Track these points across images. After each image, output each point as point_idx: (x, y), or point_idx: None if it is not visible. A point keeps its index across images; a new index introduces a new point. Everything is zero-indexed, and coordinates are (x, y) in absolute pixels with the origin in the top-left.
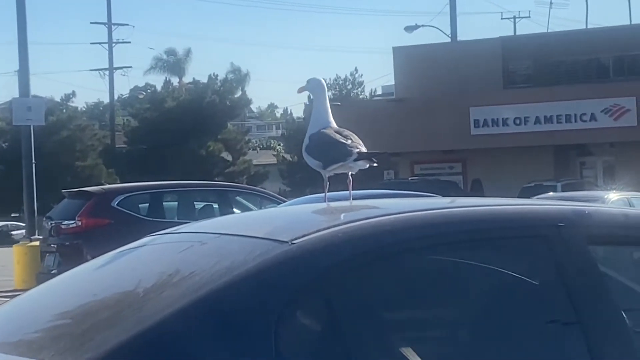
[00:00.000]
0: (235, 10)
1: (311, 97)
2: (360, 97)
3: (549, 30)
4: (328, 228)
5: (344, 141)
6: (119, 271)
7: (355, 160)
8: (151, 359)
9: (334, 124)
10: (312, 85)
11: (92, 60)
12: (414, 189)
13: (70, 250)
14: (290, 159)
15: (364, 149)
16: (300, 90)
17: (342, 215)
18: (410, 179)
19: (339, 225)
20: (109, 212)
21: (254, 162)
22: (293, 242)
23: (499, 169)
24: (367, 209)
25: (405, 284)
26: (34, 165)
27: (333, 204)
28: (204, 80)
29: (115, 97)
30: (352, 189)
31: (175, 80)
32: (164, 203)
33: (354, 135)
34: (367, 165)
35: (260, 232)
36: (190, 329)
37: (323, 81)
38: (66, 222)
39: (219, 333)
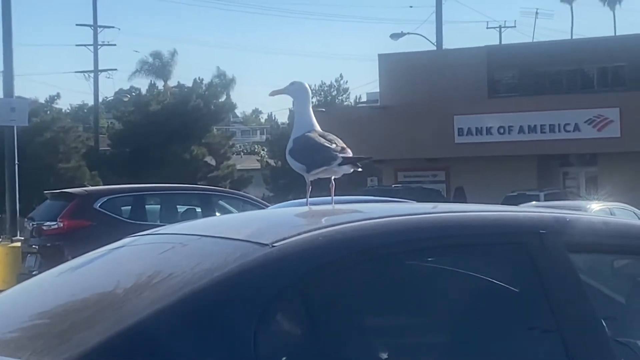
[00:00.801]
0: (221, 15)
1: (293, 100)
2: (345, 103)
3: (534, 40)
4: (309, 231)
5: (329, 145)
6: (98, 271)
7: (340, 164)
8: None
9: (318, 128)
10: (296, 89)
11: (77, 62)
12: (397, 196)
13: (51, 252)
14: (274, 165)
15: (348, 154)
16: (274, 93)
17: (323, 219)
18: (393, 186)
19: (319, 228)
20: (91, 214)
21: (238, 166)
22: (274, 244)
23: (482, 177)
24: (349, 213)
25: (386, 288)
26: (16, 166)
27: (314, 208)
28: (189, 84)
29: (100, 100)
30: (335, 196)
31: (160, 84)
32: (146, 206)
33: (339, 139)
34: (352, 170)
35: (241, 235)
36: (169, 330)
37: (307, 85)
38: (48, 223)
39: (198, 335)
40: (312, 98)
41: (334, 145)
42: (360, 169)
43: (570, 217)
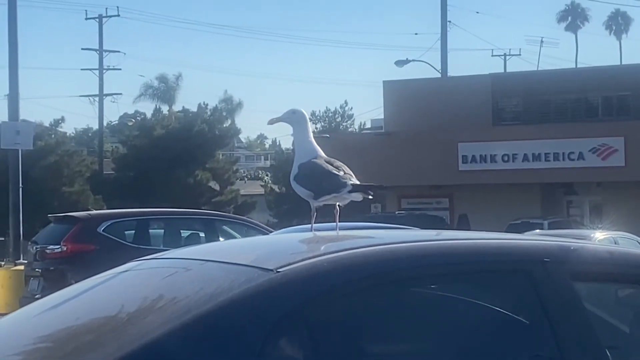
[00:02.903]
0: (227, 41)
1: (292, 127)
2: (350, 129)
3: (539, 69)
4: (313, 257)
5: (337, 172)
6: (102, 295)
7: (350, 191)
8: None
9: (322, 154)
10: (293, 116)
11: (83, 86)
12: (401, 222)
13: (54, 275)
14: (278, 190)
15: (356, 181)
16: (273, 121)
17: (327, 245)
18: (397, 212)
19: (324, 254)
20: (95, 238)
21: (242, 192)
22: (278, 270)
23: (486, 205)
24: (353, 239)
25: (389, 314)
26: (20, 189)
27: (319, 234)
28: (194, 109)
29: (105, 124)
30: (339, 221)
31: (165, 108)
32: (150, 230)
33: (345, 165)
34: (362, 198)
35: (246, 260)
36: (173, 354)
37: (304, 111)
38: (51, 246)
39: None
40: (316, 124)
41: (341, 173)
42: (371, 197)
43: (575, 246)
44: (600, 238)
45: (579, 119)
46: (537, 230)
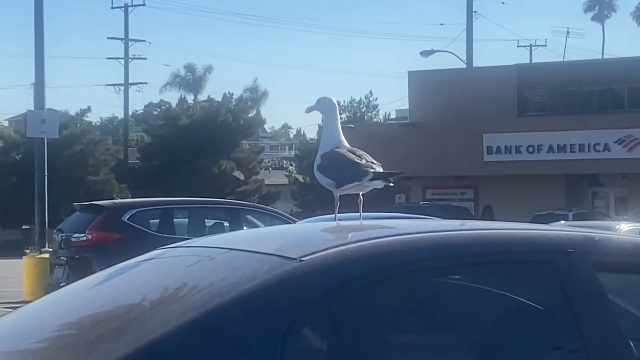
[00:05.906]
0: (251, 31)
1: (322, 116)
2: (374, 120)
3: (565, 60)
4: (337, 246)
5: (359, 161)
6: (127, 283)
7: (372, 179)
8: None
9: (346, 143)
10: (324, 104)
11: (108, 75)
12: (425, 213)
13: (79, 264)
14: (302, 180)
15: (379, 169)
16: (309, 110)
17: (351, 234)
18: (421, 203)
19: (348, 243)
20: (120, 227)
21: (266, 181)
22: (302, 259)
23: (511, 196)
24: (377, 229)
25: (413, 304)
26: (46, 178)
27: (343, 223)
28: (219, 98)
29: (130, 113)
30: (363, 212)
31: (190, 98)
32: (174, 219)
33: (367, 154)
34: (383, 185)
35: (269, 249)
36: (196, 343)
37: (334, 100)
38: (76, 235)
39: (225, 348)
40: (341, 114)
41: (363, 161)
42: (392, 184)
43: (599, 237)
44: (625, 229)
45: (604, 110)
46: (562, 222)
